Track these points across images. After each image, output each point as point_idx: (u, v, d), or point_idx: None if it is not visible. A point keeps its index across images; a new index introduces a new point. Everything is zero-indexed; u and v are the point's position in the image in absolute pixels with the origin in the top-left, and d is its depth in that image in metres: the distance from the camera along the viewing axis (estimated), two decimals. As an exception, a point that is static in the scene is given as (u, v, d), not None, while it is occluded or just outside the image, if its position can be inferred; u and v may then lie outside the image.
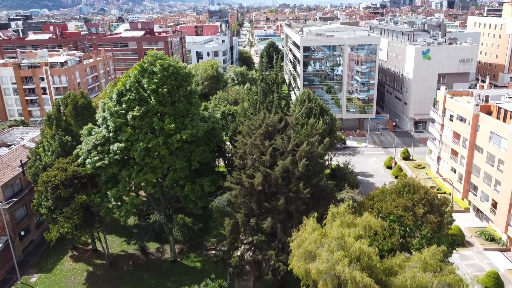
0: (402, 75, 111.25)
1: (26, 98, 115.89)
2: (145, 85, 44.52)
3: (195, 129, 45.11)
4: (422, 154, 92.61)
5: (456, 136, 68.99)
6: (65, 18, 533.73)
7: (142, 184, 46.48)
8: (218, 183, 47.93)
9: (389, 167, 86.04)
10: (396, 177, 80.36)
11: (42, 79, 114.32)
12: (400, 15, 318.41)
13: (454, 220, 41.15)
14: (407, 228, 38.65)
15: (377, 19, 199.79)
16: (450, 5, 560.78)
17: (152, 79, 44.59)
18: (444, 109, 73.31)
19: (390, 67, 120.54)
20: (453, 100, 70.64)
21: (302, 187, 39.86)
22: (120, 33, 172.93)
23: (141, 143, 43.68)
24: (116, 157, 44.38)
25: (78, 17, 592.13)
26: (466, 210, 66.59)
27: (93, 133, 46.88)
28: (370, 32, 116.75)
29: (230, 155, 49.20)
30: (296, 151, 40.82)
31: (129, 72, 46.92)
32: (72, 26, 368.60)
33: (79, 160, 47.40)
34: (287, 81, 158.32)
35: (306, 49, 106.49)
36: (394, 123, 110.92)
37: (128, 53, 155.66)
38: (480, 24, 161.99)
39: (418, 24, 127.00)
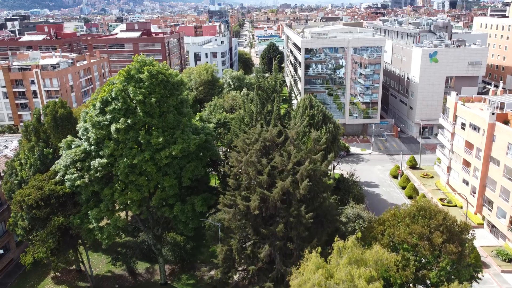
0: (407, 78, 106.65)
1: (16, 101, 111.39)
2: (131, 94, 40.00)
3: (186, 143, 40.59)
4: (430, 162, 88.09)
5: (469, 146, 64.39)
6: (65, 18, 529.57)
7: (127, 203, 41.98)
8: (211, 202, 43.40)
9: (395, 177, 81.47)
10: (403, 187, 75.87)
11: (33, 82, 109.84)
12: (402, 16, 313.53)
13: (475, 248, 36.57)
14: (423, 259, 34.07)
15: (379, 20, 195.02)
16: (452, 5, 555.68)
17: (139, 87, 40.10)
18: (455, 117, 68.70)
19: (395, 70, 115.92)
20: (465, 107, 66.05)
21: (304, 211, 35.35)
22: (116, 34, 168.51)
23: (125, 159, 39.19)
24: (97, 174, 39.90)
25: (78, 17, 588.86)
26: (480, 225, 62.00)
27: (73, 146, 42.39)
28: (374, 33, 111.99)
29: (223, 171, 44.38)
30: (297, 170, 36.27)
31: (113, 79, 42.49)
32: (71, 27, 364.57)
33: (57, 177, 42.90)
34: (288, 84, 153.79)
35: (308, 51, 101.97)
36: (399, 129, 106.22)
37: (124, 55, 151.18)
38: (486, 25, 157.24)
39: (424, 25, 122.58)
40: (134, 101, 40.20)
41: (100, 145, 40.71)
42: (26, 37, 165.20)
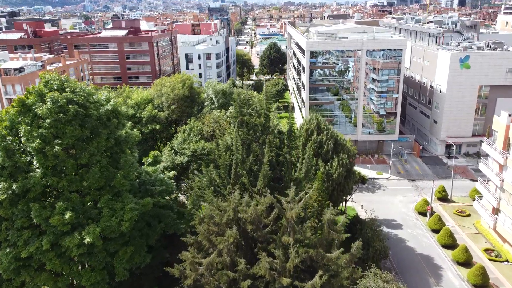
0: (431, 86, 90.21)
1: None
2: (22, 139, 24.06)
3: (115, 219, 24.52)
4: (462, 190, 72.00)
5: (530, 186, 48.22)
6: (66, 16, 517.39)
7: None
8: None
9: (422, 213, 65.22)
10: (434, 231, 59.67)
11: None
12: (409, 13, 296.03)
13: None
14: None
15: (393, 18, 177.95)
16: (461, 3, 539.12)
17: (38, 126, 24.13)
18: (508, 144, 52.47)
19: (414, 76, 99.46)
20: (523, 133, 49.84)
21: None
22: (100, 33, 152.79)
23: (8, 250, 23.23)
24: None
25: (79, 14, 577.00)
26: (546, 296, 45.91)
27: None
28: (392, 34, 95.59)
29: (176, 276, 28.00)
30: (300, 286, 20.20)
31: (5, 111, 26.59)
32: (68, 24, 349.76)
33: None
34: (290, 89, 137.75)
35: (313, 54, 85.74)
36: (421, 147, 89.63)
37: (108, 56, 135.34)
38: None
39: (448, 24, 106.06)
40: (30, 150, 24.22)
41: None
42: (0, 36, 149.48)
